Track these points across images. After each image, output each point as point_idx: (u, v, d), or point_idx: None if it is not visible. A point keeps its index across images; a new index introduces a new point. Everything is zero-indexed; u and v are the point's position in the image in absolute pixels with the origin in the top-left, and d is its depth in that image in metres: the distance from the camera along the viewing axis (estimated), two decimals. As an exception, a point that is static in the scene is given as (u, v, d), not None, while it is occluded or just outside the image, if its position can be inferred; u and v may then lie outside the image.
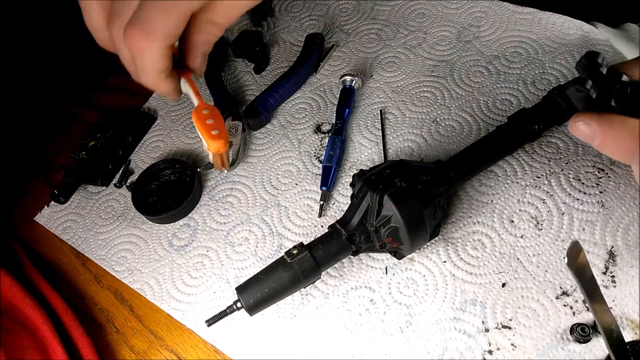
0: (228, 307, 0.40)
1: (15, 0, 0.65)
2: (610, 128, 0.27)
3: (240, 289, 0.40)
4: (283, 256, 0.41)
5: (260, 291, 0.40)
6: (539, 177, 0.47)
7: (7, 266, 0.50)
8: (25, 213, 0.59)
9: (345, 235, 0.41)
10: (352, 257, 0.44)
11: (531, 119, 0.46)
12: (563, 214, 0.44)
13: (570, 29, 0.56)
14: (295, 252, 0.40)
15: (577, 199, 0.45)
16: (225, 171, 0.54)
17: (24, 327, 0.47)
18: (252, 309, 0.40)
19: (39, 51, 0.70)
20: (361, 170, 0.43)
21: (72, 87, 0.69)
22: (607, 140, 0.27)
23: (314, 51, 0.60)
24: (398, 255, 0.44)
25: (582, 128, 0.28)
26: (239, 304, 0.40)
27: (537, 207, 0.45)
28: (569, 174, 0.46)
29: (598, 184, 0.45)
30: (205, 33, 0.33)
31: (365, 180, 0.41)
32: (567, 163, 0.47)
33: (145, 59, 0.32)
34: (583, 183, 0.45)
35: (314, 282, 0.42)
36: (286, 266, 0.40)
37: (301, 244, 0.41)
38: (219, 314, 0.40)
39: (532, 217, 0.45)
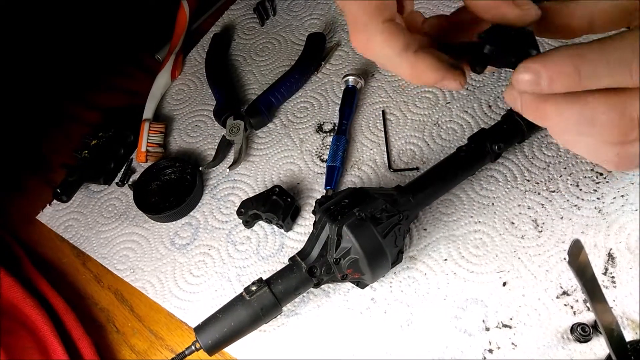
0: (187, 349, 0.40)
1: (15, 0, 0.65)
2: (548, 60, 0.25)
3: (198, 329, 0.40)
4: (242, 293, 0.40)
5: (219, 331, 0.39)
6: (538, 183, 0.47)
7: (7, 266, 0.50)
8: (25, 213, 0.59)
9: (306, 268, 0.40)
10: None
11: (491, 140, 0.46)
12: (562, 218, 0.45)
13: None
14: (254, 288, 0.40)
15: (575, 205, 0.45)
16: (228, 169, 0.54)
17: (24, 327, 0.47)
18: (210, 350, 0.39)
19: (39, 51, 0.70)
20: (322, 197, 0.43)
21: (71, 86, 0.69)
22: (552, 71, 0.25)
23: (316, 50, 0.60)
24: (361, 285, 0.43)
25: (525, 77, 0.25)
26: (197, 345, 0.39)
27: (536, 211, 0.45)
28: (567, 179, 0.46)
29: (596, 190, 0.45)
30: None
31: (324, 210, 0.40)
32: (565, 168, 0.47)
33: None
34: (581, 189, 0.45)
35: (276, 317, 0.42)
36: (245, 304, 0.39)
37: (260, 279, 0.41)
38: (177, 355, 0.40)
39: (532, 220, 0.45)
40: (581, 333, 0.38)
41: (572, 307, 0.40)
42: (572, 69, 0.25)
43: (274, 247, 0.49)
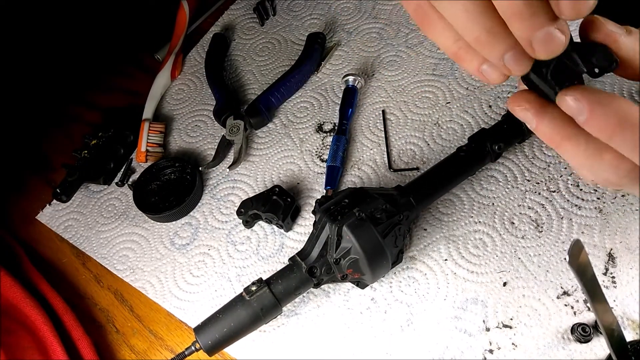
0: (187, 349, 0.40)
1: (15, 0, 0.65)
2: (598, 106, 0.26)
3: (198, 330, 0.40)
4: (242, 293, 0.40)
5: (219, 331, 0.39)
6: (538, 183, 0.47)
7: (7, 266, 0.50)
8: (25, 213, 0.59)
9: (306, 268, 0.40)
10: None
11: (491, 139, 0.45)
12: (562, 218, 0.45)
13: (571, 26, 0.56)
14: (254, 288, 0.40)
15: (576, 205, 0.45)
16: (228, 169, 0.54)
17: (24, 327, 0.47)
18: (210, 350, 0.39)
19: (39, 51, 0.70)
20: (322, 197, 0.43)
21: (72, 87, 0.69)
22: (594, 117, 0.26)
23: (316, 50, 0.60)
24: (361, 285, 0.43)
25: (570, 103, 0.27)
26: (197, 345, 0.39)
27: (537, 211, 0.45)
28: (568, 179, 0.46)
29: (596, 190, 0.45)
30: None
31: (324, 210, 0.41)
32: (565, 168, 0.47)
33: None
34: (581, 189, 0.45)
35: (276, 317, 0.42)
36: (245, 304, 0.39)
37: (260, 279, 0.41)
38: (177, 355, 0.40)
39: (533, 220, 0.45)
40: (581, 333, 0.38)
41: (572, 307, 0.40)
42: (614, 123, 0.26)
43: (274, 247, 0.49)
